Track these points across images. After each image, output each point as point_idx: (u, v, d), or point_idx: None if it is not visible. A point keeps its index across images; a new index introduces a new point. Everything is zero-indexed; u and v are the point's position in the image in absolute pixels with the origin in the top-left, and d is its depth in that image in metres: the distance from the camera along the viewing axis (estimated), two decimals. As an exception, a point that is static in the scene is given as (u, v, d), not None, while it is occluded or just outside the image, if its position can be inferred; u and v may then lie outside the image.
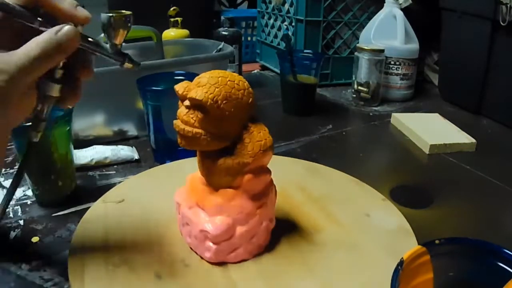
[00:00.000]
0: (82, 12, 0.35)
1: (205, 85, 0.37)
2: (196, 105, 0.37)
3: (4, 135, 0.36)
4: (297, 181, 0.56)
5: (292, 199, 0.52)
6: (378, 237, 0.45)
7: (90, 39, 0.36)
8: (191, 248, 0.42)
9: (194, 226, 0.41)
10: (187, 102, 0.38)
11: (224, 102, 0.37)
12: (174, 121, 0.39)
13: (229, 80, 0.38)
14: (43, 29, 0.34)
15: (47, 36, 0.33)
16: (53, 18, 0.34)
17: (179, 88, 0.38)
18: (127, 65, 0.39)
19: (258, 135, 0.39)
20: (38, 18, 0.33)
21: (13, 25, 0.33)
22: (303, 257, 0.42)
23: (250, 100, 0.39)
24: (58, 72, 0.35)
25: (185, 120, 0.38)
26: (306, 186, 0.55)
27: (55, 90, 0.35)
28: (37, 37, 0.33)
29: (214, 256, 0.40)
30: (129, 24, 0.38)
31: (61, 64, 0.35)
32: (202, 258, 0.41)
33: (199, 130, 0.38)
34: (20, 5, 0.33)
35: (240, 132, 0.39)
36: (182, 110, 0.39)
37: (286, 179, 0.55)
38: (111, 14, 0.36)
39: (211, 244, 0.40)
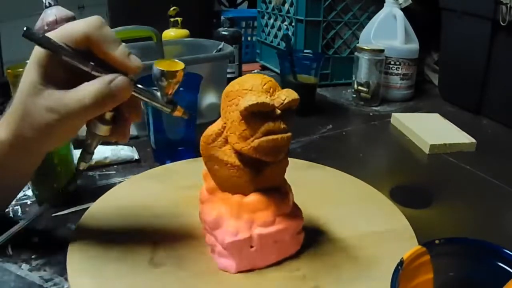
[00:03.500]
0: (134, 62, 0.35)
1: (276, 86, 0.38)
2: (287, 108, 0.37)
3: (39, 160, 0.40)
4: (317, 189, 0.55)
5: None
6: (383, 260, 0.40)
7: (140, 86, 0.37)
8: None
9: (287, 232, 0.40)
10: (278, 111, 0.36)
11: None
12: (278, 137, 0.36)
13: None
14: (95, 73, 0.34)
15: (101, 85, 0.33)
16: (106, 63, 0.35)
17: (264, 99, 0.35)
18: (177, 113, 0.39)
19: None
20: (91, 62, 0.34)
21: (65, 63, 0.34)
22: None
23: None
24: (108, 114, 0.36)
25: (282, 128, 0.37)
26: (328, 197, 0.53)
27: (104, 130, 0.37)
28: (91, 83, 0.34)
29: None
30: (180, 78, 0.37)
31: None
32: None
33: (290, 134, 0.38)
34: (70, 46, 0.33)
35: None
36: (274, 123, 0.36)
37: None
38: (164, 69, 0.36)
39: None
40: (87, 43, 0.34)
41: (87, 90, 0.33)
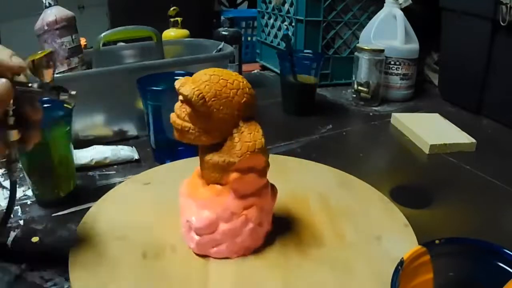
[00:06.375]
0: (15, 62, 0.36)
1: (197, 81, 0.38)
2: (185, 100, 0.38)
3: None
4: (322, 190, 0.54)
5: (306, 206, 0.50)
6: (377, 263, 0.41)
7: (26, 84, 0.37)
8: None
9: (183, 216, 0.42)
10: (180, 96, 0.39)
11: (212, 99, 0.38)
12: (171, 114, 0.41)
13: (222, 79, 0.39)
14: None
15: None
16: None
17: (177, 82, 0.39)
18: (62, 96, 0.39)
19: (248, 136, 0.39)
20: None
21: None
22: (286, 268, 0.40)
23: (244, 99, 0.39)
24: (10, 119, 0.37)
25: (177, 113, 0.40)
26: (328, 196, 0.52)
27: (12, 135, 0.38)
28: None
29: (197, 248, 0.41)
30: (51, 62, 0.38)
31: (11, 112, 0.37)
32: (189, 248, 0.42)
33: (188, 124, 0.39)
34: None
35: (232, 130, 0.39)
36: (177, 103, 0.40)
37: (312, 186, 0.54)
38: (32, 59, 0.37)
39: (194, 235, 0.41)
40: None
41: None
